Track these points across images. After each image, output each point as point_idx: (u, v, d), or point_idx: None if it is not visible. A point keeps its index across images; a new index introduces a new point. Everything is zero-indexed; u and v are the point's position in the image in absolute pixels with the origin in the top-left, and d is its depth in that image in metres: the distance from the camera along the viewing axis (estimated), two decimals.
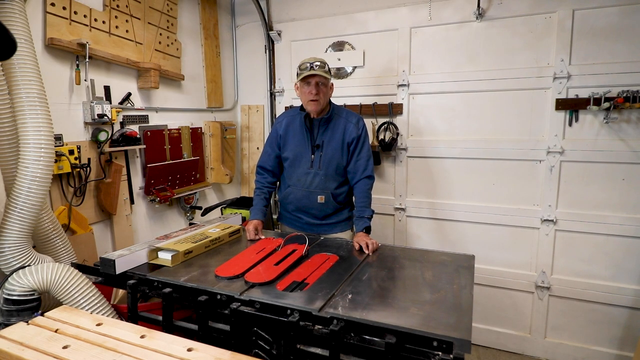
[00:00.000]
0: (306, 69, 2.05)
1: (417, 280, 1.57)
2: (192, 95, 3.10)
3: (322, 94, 2.08)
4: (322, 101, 2.10)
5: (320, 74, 2.03)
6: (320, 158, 2.16)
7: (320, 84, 2.06)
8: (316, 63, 2.05)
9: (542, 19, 2.57)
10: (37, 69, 1.70)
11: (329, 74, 2.09)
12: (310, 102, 2.09)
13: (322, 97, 2.08)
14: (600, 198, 2.57)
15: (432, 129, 2.96)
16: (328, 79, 2.09)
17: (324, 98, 2.10)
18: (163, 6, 2.71)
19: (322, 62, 2.07)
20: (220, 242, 1.93)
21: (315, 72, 2.02)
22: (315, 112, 2.13)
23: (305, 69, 2.06)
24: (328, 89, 2.12)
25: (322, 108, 2.13)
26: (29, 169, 1.65)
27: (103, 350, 1.06)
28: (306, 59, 2.10)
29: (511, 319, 2.90)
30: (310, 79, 2.05)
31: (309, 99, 2.08)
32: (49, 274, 1.47)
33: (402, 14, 2.92)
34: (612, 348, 2.65)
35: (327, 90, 2.12)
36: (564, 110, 2.57)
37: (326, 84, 2.09)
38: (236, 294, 1.36)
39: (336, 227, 2.27)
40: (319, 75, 2.03)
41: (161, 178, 2.70)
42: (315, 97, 2.06)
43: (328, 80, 2.10)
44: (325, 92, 2.10)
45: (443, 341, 1.08)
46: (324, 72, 2.04)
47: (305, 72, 2.04)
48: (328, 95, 2.15)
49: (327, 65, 2.10)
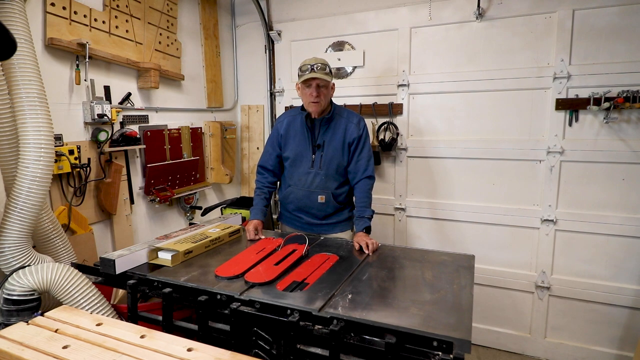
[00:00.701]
0: (307, 71, 2.04)
1: (417, 280, 1.57)
2: (192, 95, 3.10)
3: (323, 95, 2.08)
4: (323, 103, 2.10)
5: (320, 76, 2.02)
6: (321, 158, 2.16)
7: (321, 86, 2.06)
8: (317, 65, 2.03)
9: (542, 19, 2.57)
10: (37, 69, 1.70)
11: (330, 75, 2.09)
12: (311, 104, 2.09)
13: (322, 99, 2.08)
14: (600, 198, 2.57)
15: (432, 129, 2.96)
16: (329, 81, 2.08)
17: (324, 100, 2.10)
18: (163, 6, 2.71)
19: (323, 64, 2.06)
20: (220, 242, 1.93)
21: (316, 74, 2.01)
22: (316, 113, 2.13)
23: (306, 70, 2.05)
24: (329, 90, 2.12)
25: (322, 109, 2.13)
26: (29, 169, 1.65)
27: (103, 350, 1.06)
28: (307, 59, 2.09)
29: (511, 319, 2.90)
30: (311, 81, 2.05)
31: (310, 101, 2.08)
32: (49, 274, 1.47)
33: (402, 14, 2.92)
34: (612, 348, 2.65)
35: (328, 92, 2.12)
36: (564, 110, 2.57)
37: (327, 86, 2.09)
38: (236, 294, 1.36)
39: (336, 227, 2.27)
40: (320, 78, 2.03)
41: (161, 178, 2.70)
42: (316, 99, 2.06)
43: (329, 82, 2.09)
44: (326, 94, 2.09)
45: (443, 341, 1.08)
46: (324, 75, 2.03)
47: (306, 75, 2.03)
48: (329, 96, 2.14)
49: (328, 66, 2.09)
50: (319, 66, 2.03)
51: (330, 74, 2.09)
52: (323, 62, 2.07)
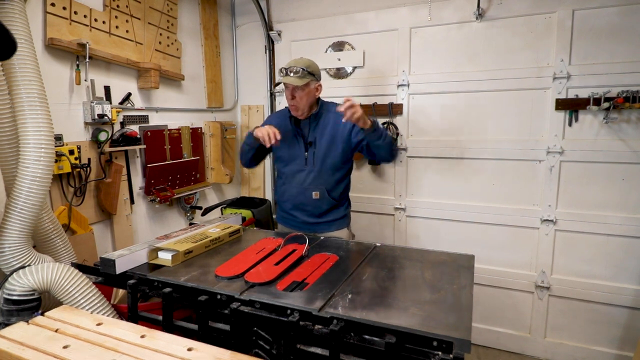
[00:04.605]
0: (282, 74, 2.06)
1: (417, 280, 1.57)
2: (192, 95, 3.10)
3: (299, 98, 2.07)
4: (300, 105, 2.10)
5: (290, 82, 2.01)
6: (314, 155, 2.17)
7: (298, 88, 2.05)
8: (293, 68, 2.03)
9: (542, 19, 2.57)
10: (37, 69, 1.70)
11: (306, 79, 2.04)
12: (291, 107, 2.13)
13: (299, 102, 2.08)
14: (600, 198, 2.57)
15: (432, 129, 2.96)
16: (308, 84, 2.05)
17: (301, 102, 2.09)
18: (163, 6, 2.71)
19: (299, 68, 2.03)
20: (220, 242, 1.93)
21: (288, 79, 2.02)
22: (299, 116, 2.15)
23: (282, 73, 2.07)
24: (306, 94, 2.08)
25: (302, 112, 2.13)
26: (29, 169, 1.65)
27: (103, 350, 1.06)
28: (290, 61, 2.10)
29: (511, 318, 2.90)
30: (287, 84, 2.06)
31: (289, 104, 2.12)
32: (49, 274, 1.47)
33: (402, 14, 2.92)
34: (612, 348, 2.65)
35: (305, 95, 2.08)
36: (563, 110, 2.57)
37: (304, 89, 2.06)
38: (236, 293, 1.36)
39: (333, 225, 2.27)
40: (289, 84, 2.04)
41: (161, 178, 2.71)
42: (292, 102, 2.08)
43: (307, 85, 2.06)
44: (302, 97, 2.07)
45: (443, 341, 1.08)
46: (297, 79, 2.01)
47: (282, 78, 2.05)
48: (309, 99, 2.11)
49: (307, 68, 2.04)
50: (294, 69, 2.03)
51: (308, 76, 2.05)
52: (303, 64, 2.04)
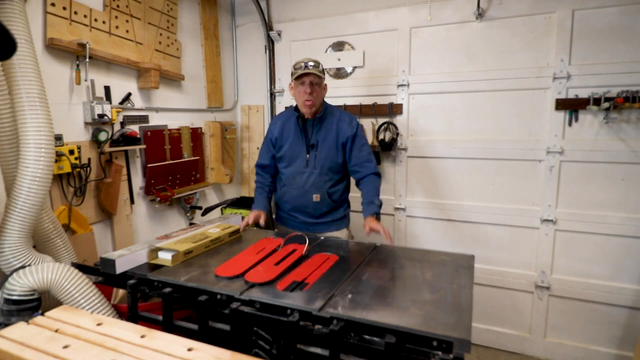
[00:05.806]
0: (300, 68, 2.08)
1: (417, 280, 1.57)
2: (192, 95, 3.10)
3: (316, 93, 2.11)
4: (316, 102, 2.12)
5: (314, 72, 2.06)
6: (315, 157, 2.19)
7: (315, 83, 2.09)
8: (310, 63, 2.08)
9: (542, 19, 2.57)
10: (37, 69, 1.70)
11: (323, 74, 2.13)
12: (305, 104, 2.12)
13: (315, 97, 2.11)
14: (600, 198, 2.57)
15: (432, 129, 2.96)
16: (322, 79, 2.12)
17: (317, 98, 2.13)
18: (163, 6, 2.71)
19: (316, 62, 2.10)
20: (220, 242, 1.93)
21: (310, 70, 2.05)
22: (309, 114, 2.16)
23: (299, 68, 2.09)
24: (322, 89, 2.15)
25: (316, 108, 2.16)
26: (29, 168, 1.65)
27: (103, 350, 1.06)
28: (301, 59, 2.14)
29: (511, 318, 2.90)
30: (304, 78, 2.08)
31: (304, 99, 2.11)
32: (49, 274, 1.47)
33: (402, 14, 2.92)
34: (612, 348, 2.65)
35: (321, 91, 2.15)
36: (563, 110, 2.58)
37: (320, 84, 2.12)
38: (236, 293, 1.36)
39: (332, 225, 2.29)
40: (313, 74, 2.06)
41: (161, 178, 2.71)
42: (309, 96, 2.08)
43: (322, 80, 2.13)
44: (319, 92, 2.13)
45: (443, 341, 1.08)
46: (318, 72, 2.07)
47: (300, 71, 2.07)
48: (322, 96, 2.18)
49: (321, 65, 2.13)
50: (312, 64, 2.08)
51: (323, 73, 2.13)
52: (316, 61, 2.11)
